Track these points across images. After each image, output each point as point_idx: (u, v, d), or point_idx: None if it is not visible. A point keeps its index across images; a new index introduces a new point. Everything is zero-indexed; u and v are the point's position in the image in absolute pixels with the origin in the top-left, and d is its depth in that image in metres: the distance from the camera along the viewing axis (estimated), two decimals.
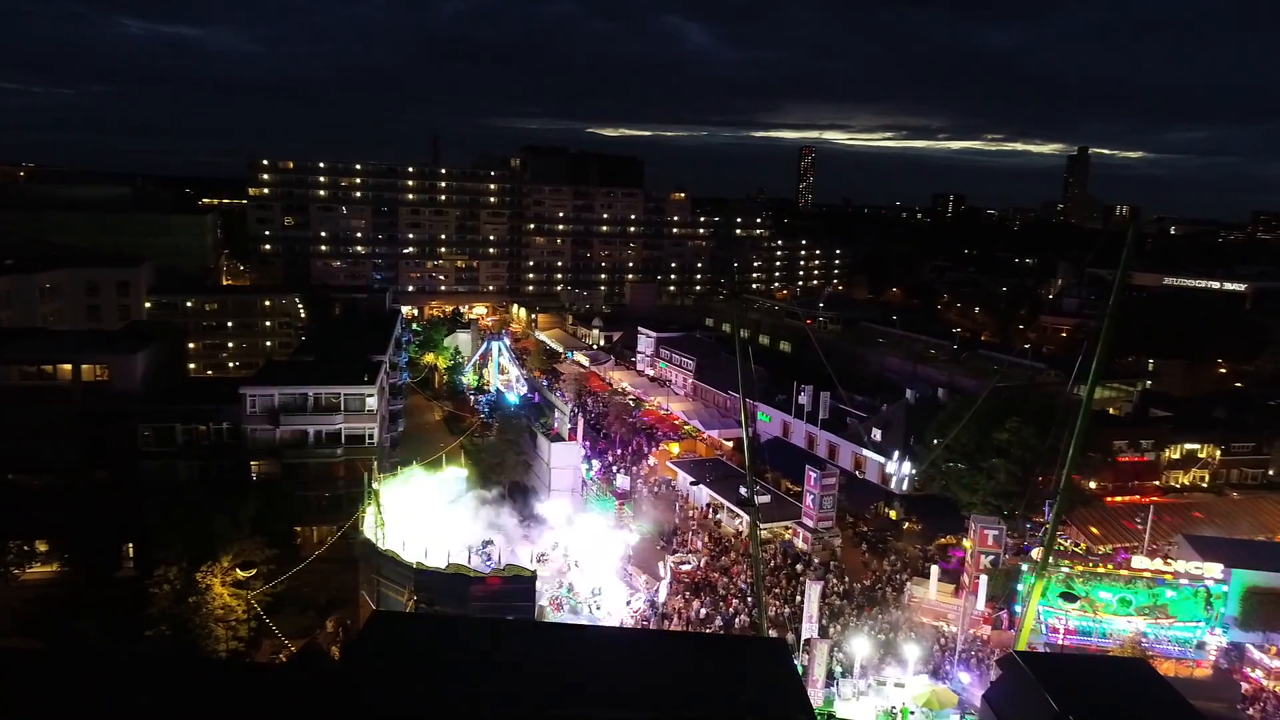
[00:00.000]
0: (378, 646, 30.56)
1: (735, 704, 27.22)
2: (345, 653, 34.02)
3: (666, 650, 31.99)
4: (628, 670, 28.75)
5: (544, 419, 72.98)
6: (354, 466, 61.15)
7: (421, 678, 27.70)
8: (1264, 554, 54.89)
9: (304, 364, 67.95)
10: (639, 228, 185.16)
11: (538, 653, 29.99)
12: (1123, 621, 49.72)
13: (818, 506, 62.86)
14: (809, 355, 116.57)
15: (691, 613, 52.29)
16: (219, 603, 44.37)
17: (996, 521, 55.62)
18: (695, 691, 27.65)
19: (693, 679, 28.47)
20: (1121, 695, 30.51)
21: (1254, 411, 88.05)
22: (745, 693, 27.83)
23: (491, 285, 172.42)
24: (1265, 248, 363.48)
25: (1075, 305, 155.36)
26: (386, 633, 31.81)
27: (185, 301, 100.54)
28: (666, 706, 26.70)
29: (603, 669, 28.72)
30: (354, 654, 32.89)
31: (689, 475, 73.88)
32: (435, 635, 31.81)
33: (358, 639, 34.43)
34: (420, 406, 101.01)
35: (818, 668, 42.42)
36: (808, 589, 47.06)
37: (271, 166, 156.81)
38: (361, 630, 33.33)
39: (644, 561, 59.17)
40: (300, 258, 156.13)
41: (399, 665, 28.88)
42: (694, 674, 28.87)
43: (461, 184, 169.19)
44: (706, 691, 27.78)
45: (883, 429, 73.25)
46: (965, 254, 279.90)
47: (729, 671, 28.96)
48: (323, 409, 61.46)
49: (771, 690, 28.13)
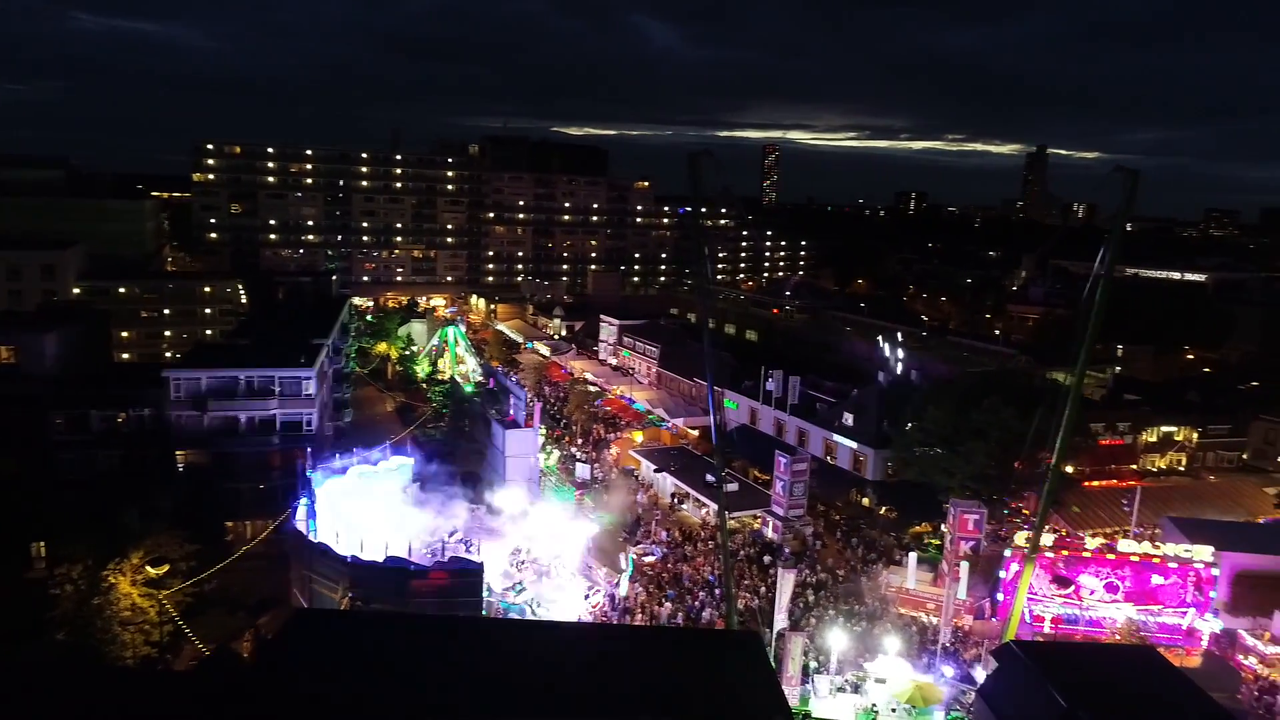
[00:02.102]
0: (294, 649, 26.53)
1: (706, 704, 23.74)
2: (256, 657, 29.98)
3: (627, 646, 28.31)
4: (582, 669, 25.01)
5: (499, 405, 68.87)
6: (291, 456, 56.65)
7: (340, 683, 23.69)
8: (1252, 536, 52.71)
9: (236, 347, 63.27)
10: (602, 217, 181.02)
11: (480, 652, 26.14)
12: (1110, 608, 47.18)
13: (788, 493, 59.56)
14: (775, 344, 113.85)
15: (655, 606, 48.65)
16: (125, 604, 39.68)
17: (976, 506, 52.75)
18: (658, 691, 24.09)
19: (656, 677, 24.86)
20: (1133, 687, 27.37)
21: (1225, 395, 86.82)
22: (717, 691, 24.38)
23: (450, 276, 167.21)
24: (1218, 243, 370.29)
25: (1041, 295, 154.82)
26: (305, 634, 27.70)
27: (117, 287, 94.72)
28: (624, 710, 23.16)
29: (553, 669, 24.96)
30: (266, 659, 28.78)
31: (653, 464, 70.31)
32: (362, 635, 27.75)
33: (271, 642, 30.35)
34: (372, 397, 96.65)
35: (792, 663, 39.01)
36: (780, 579, 43.63)
37: (217, 151, 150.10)
38: (277, 632, 29.29)
39: (605, 554, 55.45)
40: (248, 247, 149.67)
41: (315, 670, 24.83)
42: (658, 672, 25.26)
43: (418, 170, 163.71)
44: (672, 691, 24.23)
45: (855, 413, 70.21)
46: (929, 248, 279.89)
47: (698, 668, 25.39)
48: (256, 394, 56.88)
49: (746, 688, 24.66)
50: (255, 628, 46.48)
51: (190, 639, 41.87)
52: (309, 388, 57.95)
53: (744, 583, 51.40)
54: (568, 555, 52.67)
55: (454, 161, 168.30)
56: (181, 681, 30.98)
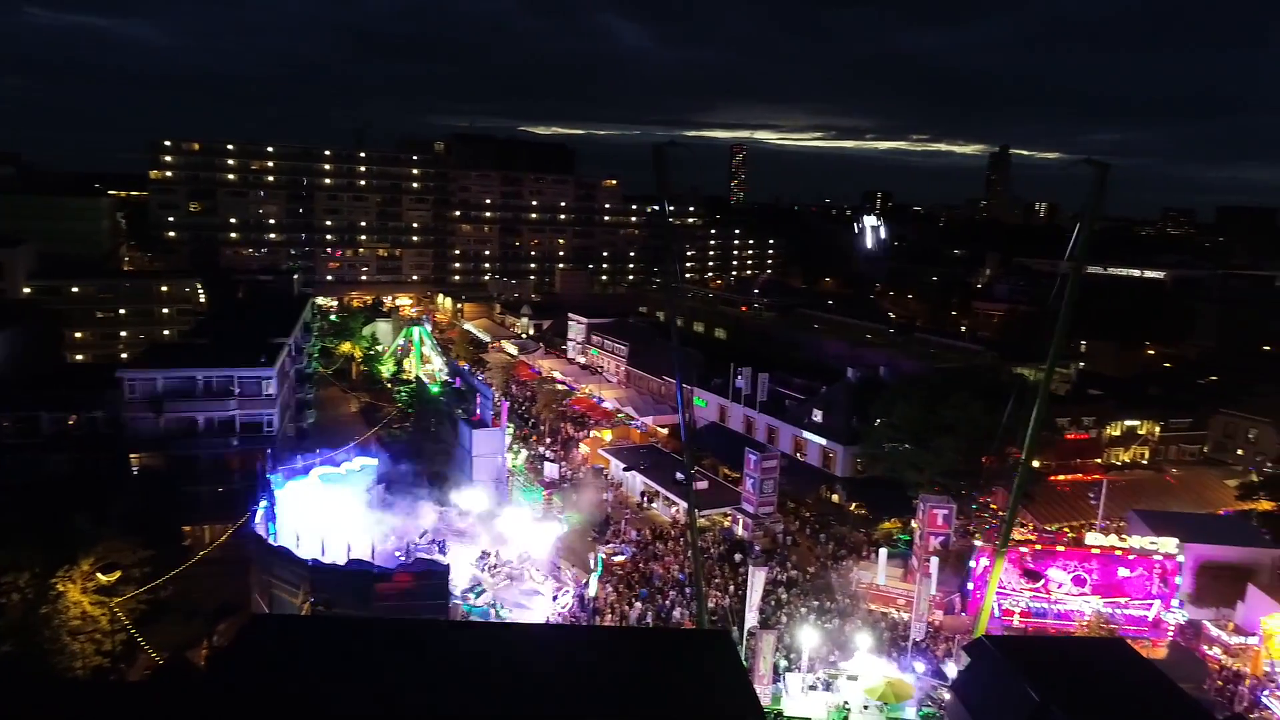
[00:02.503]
0: (248, 657, 25.52)
1: (676, 705, 23.19)
2: (210, 666, 28.90)
3: (596, 648, 27.67)
4: (549, 672, 24.31)
5: (465, 404, 67.85)
6: (251, 458, 55.24)
7: (296, 691, 22.81)
8: (1215, 527, 53.32)
9: (194, 346, 61.58)
10: (570, 215, 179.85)
11: (445, 657, 25.38)
12: (1078, 601, 47.41)
13: (758, 491, 59.26)
14: (744, 342, 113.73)
15: (625, 607, 48.01)
16: (75, 613, 38.21)
17: (946, 501, 52.79)
18: (628, 693, 23.49)
19: (625, 679, 24.25)
20: (1105, 680, 27.26)
21: (1185, 390, 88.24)
22: (688, 692, 23.85)
23: (416, 275, 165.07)
24: (1175, 241, 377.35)
25: (1006, 292, 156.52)
26: (260, 641, 26.70)
27: (71, 286, 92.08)
28: (592, 713, 22.53)
29: (520, 672, 24.22)
30: (219, 667, 27.73)
31: (622, 462, 69.69)
32: (320, 641, 26.82)
33: (225, 650, 29.29)
34: (336, 398, 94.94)
35: (763, 661, 38.57)
36: (750, 577, 43.20)
37: (175, 149, 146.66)
38: (232, 639, 28.24)
39: (574, 553, 54.71)
40: (208, 246, 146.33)
41: (270, 678, 23.87)
42: (627, 673, 24.65)
43: (383, 168, 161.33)
44: (642, 693, 23.64)
45: (824, 410, 70.14)
46: (896, 246, 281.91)
47: (669, 669, 24.83)
48: (214, 394, 55.39)
49: (717, 688, 24.16)
50: (213, 634, 45.14)
51: (144, 648, 40.44)
52: (269, 388, 56.61)
53: (714, 581, 50.97)
54: (536, 556, 51.92)
55: (419, 159, 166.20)
56: (133, 692, 29.85)
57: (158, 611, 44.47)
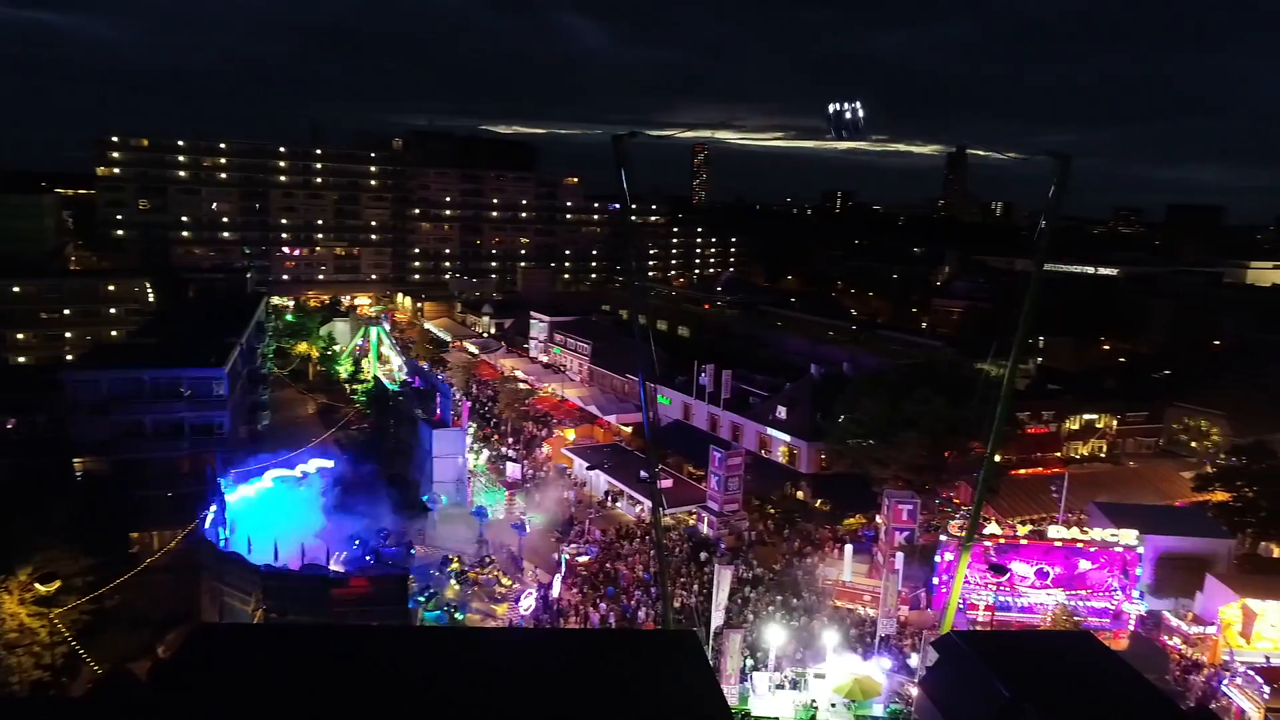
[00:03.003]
0: (193, 669, 24.31)
1: (643, 708, 22.51)
2: (152, 679, 27.57)
3: (560, 651, 26.86)
4: (512, 678, 23.49)
5: (425, 404, 66.54)
6: (201, 461, 53.45)
7: (243, 705, 21.74)
8: (1173, 519, 53.95)
9: (141, 346, 59.55)
10: (531, 213, 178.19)
11: (403, 665, 24.41)
12: (1041, 594, 47.61)
13: (723, 488, 58.82)
14: (708, 339, 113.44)
15: (589, 608, 47.21)
16: (12, 625, 36.46)
17: (910, 496, 52.76)
18: (593, 696, 22.75)
19: (590, 682, 23.50)
20: (1074, 673, 27.12)
21: (1140, 384, 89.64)
22: (654, 694, 23.19)
23: (375, 274, 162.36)
24: (1127, 239, 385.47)
25: (965, 289, 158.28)
26: (206, 652, 25.48)
27: (11, 285, 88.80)
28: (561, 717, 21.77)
29: (481, 678, 23.36)
30: (162, 680, 26.41)
31: (585, 461, 68.83)
32: (270, 651, 25.66)
33: (168, 662, 28.01)
34: (293, 400, 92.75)
35: (730, 661, 38.03)
36: (717, 575, 42.64)
37: (123, 145, 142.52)
38: (175, 650, 27.01)
39: (538, 554, 53.81)
40: (159, 245, 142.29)
41: (215, 691, 22.72)
42: (592, 676, 23.91)
43: (340, 165, 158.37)
44: (607, 695, 22.93)
45: (788, 407, 69.93)
46: (856, 245, 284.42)
47: (635, 671, 24.14)
48: (162, 396, 53.49)
49: (684, 689, 23.53)
50: (161, 645, 43.47)
51: (86, 660, 38.74)
52: (220, 389, 54.86)
53: (680, 580, 50.38)
54: (498, 557, 50.95)
55: (377, 157, 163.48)
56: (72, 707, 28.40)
57: (102, 622, 42.71)
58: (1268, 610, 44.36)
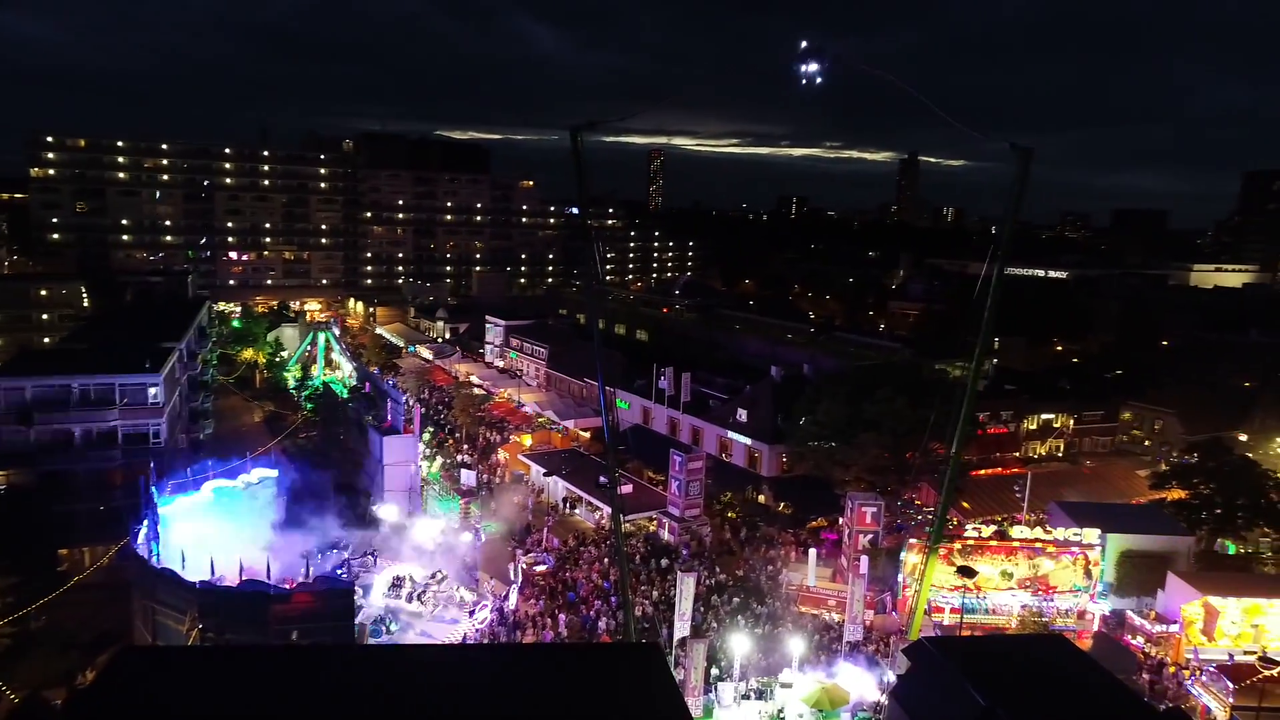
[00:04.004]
0: (112, 697, 22.24)
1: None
2: (67, 708, 25.34)
3: (519, 668, 25.20)
4: (465, 699, 21.88)
5: (375, 411, 64.24)
6: (135, 472, 50.62)
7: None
8: (1133, 517, 53.95)
9: (71, 352, 56.45)
10: (486, 217, 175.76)
11: (347, 688, 22.61)
12: (1005, 595, 47.14)
13: (684, 493, 57.59)
14: (666, 343, 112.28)
15: (548, 619, 45.53)
16: None
17: (874, 498, 52.02)
18: (556, 714, 21.25)
19: (549, 701, 21.98)
20: (1050, 679, 26.20)
21: (1093, 383, 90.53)
22: (618, 711, 21.77)
23: (325, 278, 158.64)
24: (1073, 244, 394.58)
25: (920, 291, 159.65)
26: (129, 676, 23.38)
27: None
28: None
29: (432, 701, 21.75)
30: (78, 709, 24.24)
31: (543, 467, 67.07)
32: (201, 675, 23.65)
33: (86, 690, 25.79)
34: (239, 407, 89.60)
35: (694, 672, 36.68)
36: (679, 583, 41.30)
37: (59, 145, 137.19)
38: (95, 676, 24.83)
39: (493, 564, 51.89)
40: (98, 249, 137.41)
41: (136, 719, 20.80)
42: (551, 695, 22.37)
43: (288, 167, 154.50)
44: (569, 714, 21.43)
45: (748, 409, 68.99)
46: (812, 249, 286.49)
47: (597, 687, 22.66)
48: (93, 403, 50.62)
49: (648, 705, 22.15)
50: (91, 668, 40.81)
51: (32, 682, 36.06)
52: (156, 395, 52.11)
53: (641, 589, 48.95)
54: (451, 569, 49.02)
55: (327, 158, 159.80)
56: None
57: (25, 644, 40.08)
58: (1228, 607, 44.38)
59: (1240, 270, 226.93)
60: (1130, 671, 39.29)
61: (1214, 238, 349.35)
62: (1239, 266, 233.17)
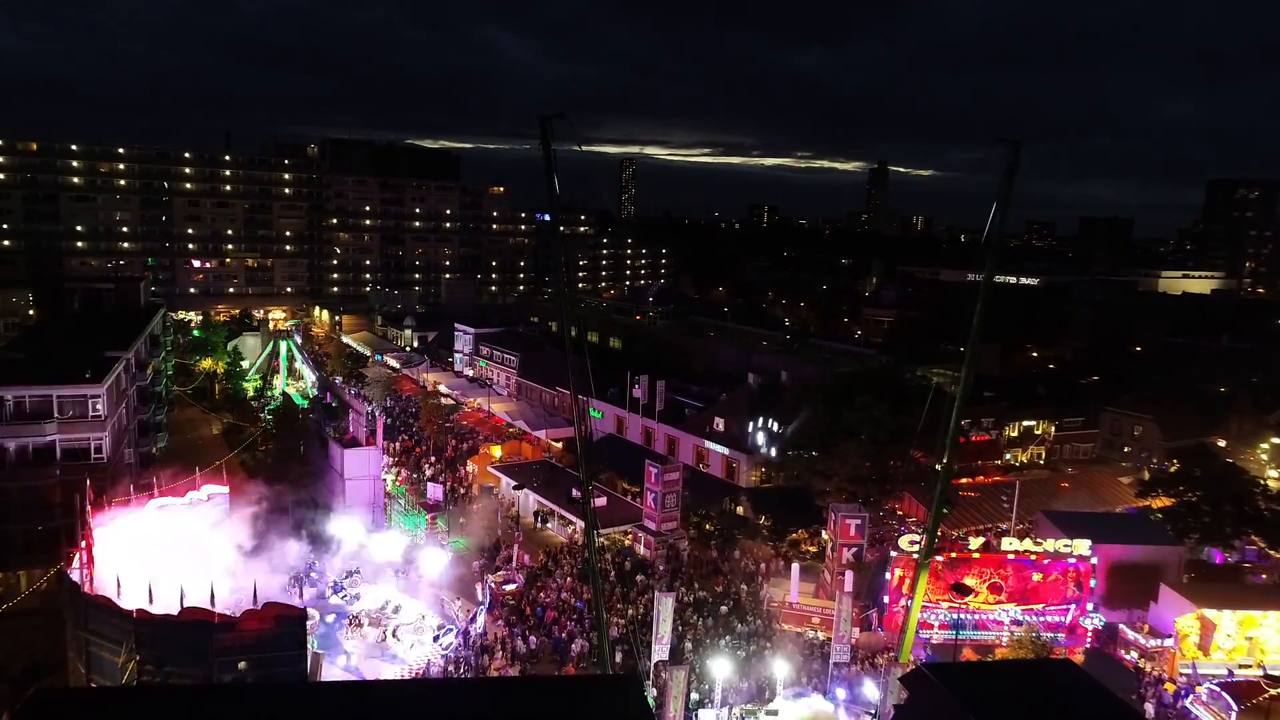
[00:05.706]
0: None
1: None
2: None
3: (486, 705, 22.89)
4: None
5: (337, 422, 61.35)
6: (74, 490, 47.37)
7: None
8: (1121, 526, 52.60)
9: (6, 362, 53.01)
10: (455, 223, 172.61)
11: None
12: (994, 609, 45.34)
13: (660, 506, 55.27)
14: (640, 350, 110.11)
15: (518, 641, 42.99)
16: None
17: (858, 509, 50.12)
18: None
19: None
20: (1057, 708, 24.28)
21: (1069, 389, 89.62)
22: None
23: (289, 286, 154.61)
24: (1041, 252, 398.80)
25: (894, 298, 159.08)
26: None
27: None
28: None
29: None
30: None
31: (513, 480, 64.46)
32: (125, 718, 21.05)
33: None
34: (196, 419, 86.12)
35: (674, 701, 34.36)
36: (657, 604, 38.96)
37: (8, 148, 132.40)
38: None
39: (461, 583, 49.22)
40: (50, 256, 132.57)
41: None
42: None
43: (250, 173, 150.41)
44: None
45: (725, 418, 66.95)
46: (784, 256, 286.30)
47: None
48: (28, 416, 47.33)
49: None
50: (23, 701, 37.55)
51: None
52: (99, 408, 48.90)
53: (617, 607, 46.54)
54: (416, 589, 46.38)
55: (291, 164, 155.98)
56: None
57: None
58: (1224, 620, 42.98)
59: (1207, 277, 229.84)
60: (1129, 690, 37.59)
61: (1176, 246, 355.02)
62: (1206, 273, 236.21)
